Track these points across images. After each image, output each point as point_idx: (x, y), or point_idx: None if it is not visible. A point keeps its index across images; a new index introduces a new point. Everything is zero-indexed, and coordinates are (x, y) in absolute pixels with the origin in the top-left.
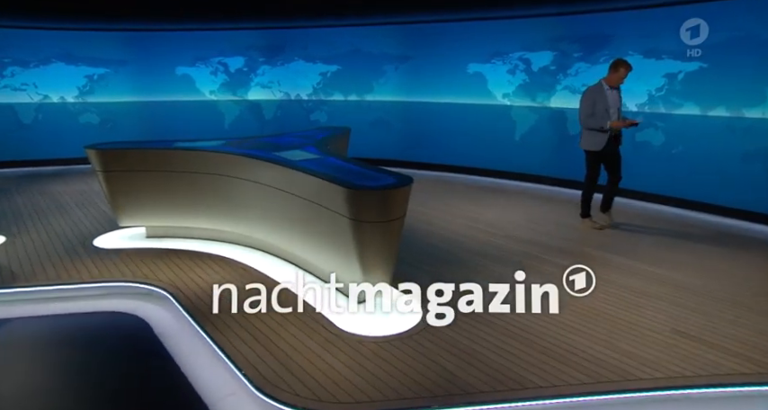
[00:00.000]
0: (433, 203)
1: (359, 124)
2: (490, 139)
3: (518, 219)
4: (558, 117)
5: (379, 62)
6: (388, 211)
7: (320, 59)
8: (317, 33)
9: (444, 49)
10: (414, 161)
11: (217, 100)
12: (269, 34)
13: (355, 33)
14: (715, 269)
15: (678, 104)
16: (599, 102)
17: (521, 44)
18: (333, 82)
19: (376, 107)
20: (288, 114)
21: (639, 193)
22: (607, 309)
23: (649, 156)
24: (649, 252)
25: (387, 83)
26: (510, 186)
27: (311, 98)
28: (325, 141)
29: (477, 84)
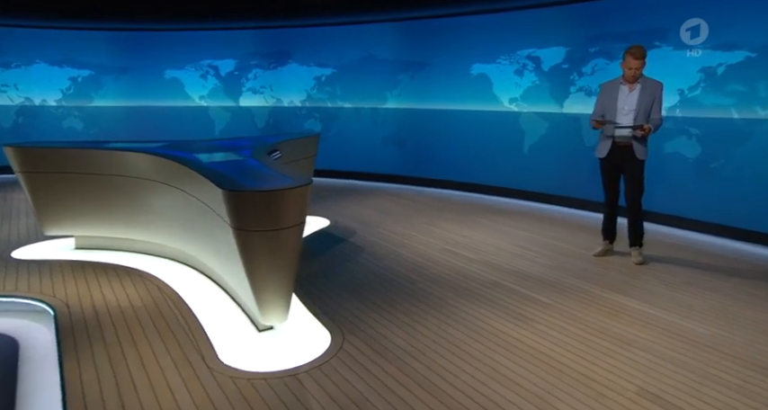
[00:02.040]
0: (416, 223)
1: (354, 133)
2: (496, 151)
3: (506, 244)
4: (572, 124)
5: (378, 65)
6: (277, 218)
7: (315, 62)
8: (312, 34)
9: (453, 51)
10: (413, 176)
11: (207, 106)
12: (261, 35)
13: (353, 33)
14: (742, 317)
15: (718, 104)
16: (607, 100)
17: (530, 39)
18: (329, 87)
19: (373, 114)
20: (280, 122)
21: (686, 221)
22: (562, 356)
23: (686, 173)
24: (658, 290)
25: (385, 88)
26: (515, 206)
27: (305, 104)
28: (275, 146)
29: (481, 87)
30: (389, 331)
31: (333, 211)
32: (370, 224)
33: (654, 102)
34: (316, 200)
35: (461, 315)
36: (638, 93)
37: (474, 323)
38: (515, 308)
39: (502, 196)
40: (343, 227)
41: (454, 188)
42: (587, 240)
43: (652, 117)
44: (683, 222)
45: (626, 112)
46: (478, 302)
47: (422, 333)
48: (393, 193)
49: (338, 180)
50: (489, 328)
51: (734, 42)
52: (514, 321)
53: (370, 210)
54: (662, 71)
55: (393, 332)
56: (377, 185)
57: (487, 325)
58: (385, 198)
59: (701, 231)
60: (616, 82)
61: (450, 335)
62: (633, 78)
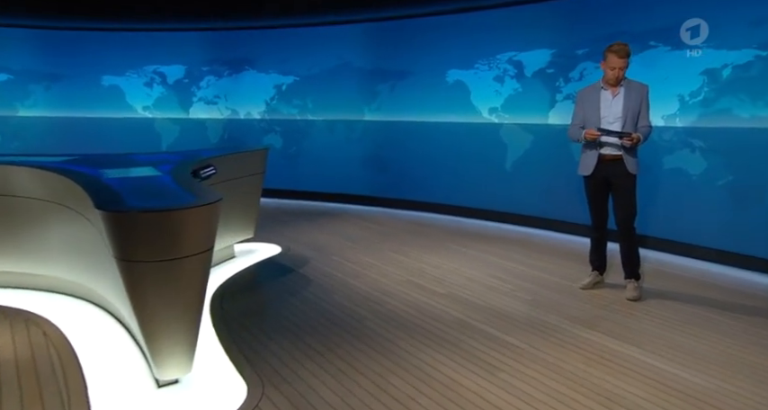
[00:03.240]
0: (380, 250)
1: (320, 149)
2: (475, 168)
3: (480, 274)
4: (558, 137)
5: (345, 71)
6: (173, 245)
7: (278, 70)
8: (274, 37)
9: (426, 55)
10: (384, 197)
11: (152, 118)
12: (215, 38)
13: (318, 35)
14: (753, 366)
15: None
16: (588, 108)
17: (510, 41)
18: (290, 96)
19: (342, 128)
20: (234, 136)
21: (689, 248)
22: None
23: (688, 191)
24: (655, 331)
25: (353, 97)
26: (494, 231)
27: (264, 117)
28: (208, 160)
29: (457, 96)
30: (321, 382)
31: (287, 237)
32: (327, 251)
33: (641, 108)
34: (270, 225)
35: (413, 361)
36: (623, 98)
37: (426, 371)
38: (480, 354)
39: (480, 219)
40: (295, 255)
41: (429, 210)
42: (574, 270)
43: (640, 125)
44: (687, 249)
45: (611, 121)
46: (436, 345)
47: (360, 384)
48: (361, 216)
49: (301, 201)
50: (443, 378)
51: (738, 43)
52: (476, 369)
53: (331, 236)
54: (657, 75)
55: (326, 383)
56: (344, 207)
57: (441, 375)
58: (351, 221)
59: (708, 259)
60: (596, 87)
61: (393, 387)
62: (616, 80)
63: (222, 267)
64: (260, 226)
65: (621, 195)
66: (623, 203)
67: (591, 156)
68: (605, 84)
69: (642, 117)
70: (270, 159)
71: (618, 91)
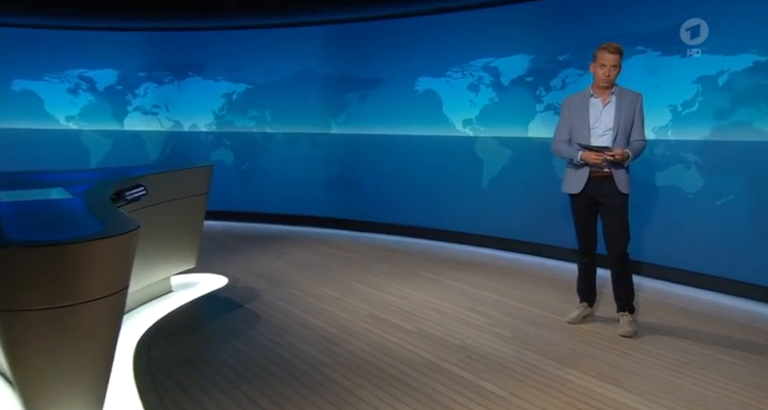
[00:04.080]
0: (342, 280)
1: (279, 165)
2: (448, 186)
3: (454, 307)
4: (539, 151)
5: (308, 78)
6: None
7: (229, 77)
8: (226, 38)
9: (393, 60)
10: (349, 218)
11: (78, 130)
12: (154, 39)
13: (277, 38)
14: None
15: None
16: (575, 118)
17: (486, 46)
18: (245, 107)
19: (303, 141)
20: (178, 151)
21: (690, 276)
22: None
23: (686, 212)
24: (653, 373)
25: (318, 107)
26: (470, 256)
27: (213, 129)
28: (138, 180)
29: (428, 106)
30: None
31: (236, 266)
32: (282, 283)
33: (634, 119)
34: (216, 252)
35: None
36: (615, 107)
37: None
38: (453, 404)
39: (454, 242)
40: (243, 287)
41: (397, 233)
42: (560, 301)
43: (633, 138)
44: (686, 277)
45: (601, 133)
46: (402, 395)
47: None
48: (323, 241)
49: (255, 224)
50: None
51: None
52: None
53: (287, 264)
54: (649, 82)
55: None
56: (304, 231)
57: None
58: (311, 247)
59: (712, 289)
60: (584, 94)
61: None
62: (608, 81)
63: (154, 305)
64: (204, 254)
65: (612, 217)
66: (614, 226)
67: (579, 173)
68: (595, 91)
69: (635, 129)
70: (219, 177)
71: (608, 99)
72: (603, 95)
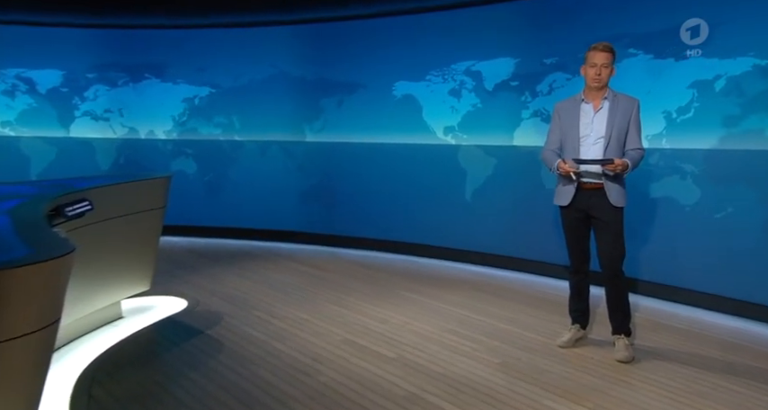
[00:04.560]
0: (316, 301)
1: (248, 176)
2: (430, 199)
3: (438, 330)
4: (527, 160)
5: (281, 82)
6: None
7: (189, 78)
8: (182, 37)
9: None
10: (324, 233)
11: (17, 136)
12: (106, 36)
13: (246, 38)
14: None
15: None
16: (566, 125)
17: (468, 48)
18: (210, 112)
19: (275, 150)
20: (134, 160)
21: (690, 295)
22: None
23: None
24: (653, 404)
25: (292, 113)
26: (455, 273)
27: (172, 137)
28: (83, 193)
29: (407, 112)
30: None
31: (197, 287)
32: (248, 305)
33: (630, 126)
34: (176, 272)
35: None
36: (608, 114)
37: None
38: None
39: (437, 258)
40: (205, 311)
41: (376, 248)
42: (551, 322)
43: (629, 148)
44: (687, 296)
45: (593, 141)
46: None
47: None
48: (295, 258)
49: (221, 240)
50: None
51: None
52: None
53: (255, 284)
54: (643, 86)
55: None
56: (275, 247)
57: None
58: (282, 264)
59: (713, 309)
60: (575, 100)
61: None
62: (598, 82)
63: (100, 333)
64: (161, 274)
65: (605, 232)
66: (607, 241)
67: (567, 186)
68: (587, 96)
69: (631, 138)
70: (181, 189)
71: (601, 105)
72: (595, 100)
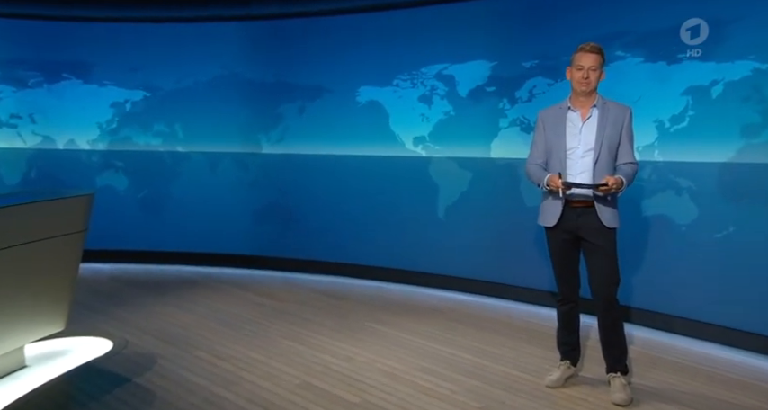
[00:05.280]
0: (270, 337)
1: (194, 193)
2: (400, 217)
3: (409, 369)
4: (506, 174)
5: (232, 85)
6: None
7: (118, 79)
8: (111, 31)
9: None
10: (280, 257)
11: None
12: (15, 28)
13: (190, 34)
14: None
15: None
16: (551, 135)
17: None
18: (147, 119)
19: (227, 163)
20: (49, 174)
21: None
22: None
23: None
24: None
25: (246, 121)
26: (429, 300)
27: (97, 147)
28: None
29: (373, 120)
30: None
31: (126, 324)
32: (187, 344)
33: (621, 137)
34: (97, 306)
35: None
36: (597, 123)
37: None
38: None
39: (409, 284)
40: (134, 354)
41: (340, 273)
42: (538, 357)
43: (622, 161)
44: (686, 326)
45: (581, 154)
46: None
47: None
48: (246, 285)
49: (158, 267)
50: None
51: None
52: None
53: (198, 318)
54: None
55: None
56: (224, 273)
57: None
58: (230, 294)
59: (717, 341)
60: (561, 108)
61: None
62: (586, 87)
63: None
64: (80, 309)
65: (597, 256)
66: (599, 266)
67: (553, 202)
68: (573, 104)
69: (623, 150)
70: (109, 208)
71: (589, 113)
72: (583, 108)
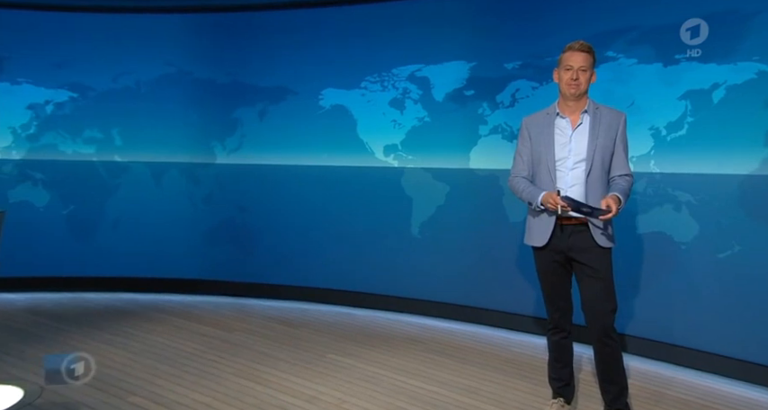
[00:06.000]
0: (218, 374)
1: (132, 209)
2: (369, 235)
3: (379, 408)
4: (487, 186)
5: (179, 85)
6: None
7: (34, 76)
8: (29, 20)
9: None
10: (230, 281)
11: None
12: None
13: (129, 26)
14: None
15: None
16: (537, 143)
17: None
18: (77, 123)
19: (174, 174)
20: None
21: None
22: None
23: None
24: None
25: (197, 127)
26: (403, 329)
27: (9, 155)
28: None
29: (338, 127)
30: None
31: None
32: (120, 387)
33: (616, 146)
34: (7, 345)
35: None
36: (589, 130)
37: None
38: None
39: (379, 310)
40: (51, 403)
41: (302, 298)
42: (527, 393)
43: (617, 173)
44: (687, 356)
45: (572, 165)
46: None
47: None
48: (192, 315)
49: (86, 295)
50: None
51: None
52: None
53: (132, 355)
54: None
55: None
56: (165, 301)
57: None
58: (173, 325)
59: (722, 373)
60: (548, 114)
61: None
62: (576, 89)
63: None
64: None
65: (592, 279)
66: (594, 291)
67: (543, 220)
68: (562, 109)
69: (618, 160)
70: (25, 228)
71: (580, 120)
72: (574, 114)
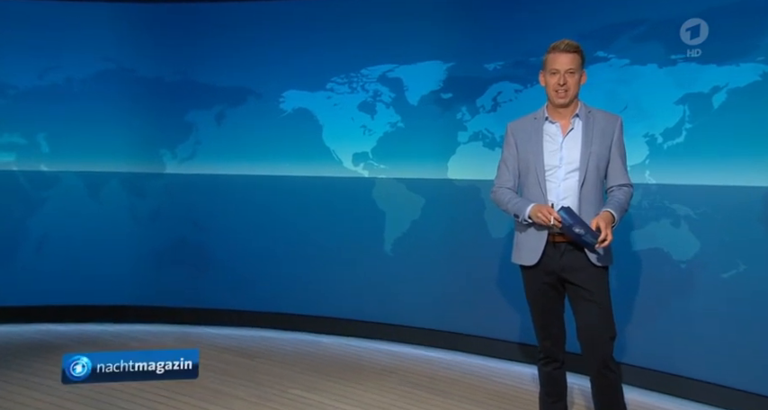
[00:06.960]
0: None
1: (64, 226)
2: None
3: None
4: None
5: (121, 84)
6: None
7: None
8: None
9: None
10: (181, 306)
11: None
12: None
13: (62, 15)
14: None
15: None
16: (523, 150)
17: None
18: (19, 124)
19: (115, 186)
20: None
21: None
22: None
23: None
24: None
25: (142, 132)
26: (373, 357)
27: None
28: None
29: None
30: None
31: None
32: None
33: (612, 153)
34: None
35: None
36: (582, 136)
37: None
38: None
39: (349, 336)
40: None
41: (261, 325)
42: None
43: (614, 183)
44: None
45: (563, 175)
46: None
47: None
48: (128, 346)
49: (8, 327)
50: None
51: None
52: None
53: (51, 398)
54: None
55: None
56: (98, 332)
57: None
58: None
59: (726, 406)
60: (536, 119)
61: None
62: (565, 95)
63: None
64: None
65: (587, 302)
66: (591, 316)
67: (533, 236)
68: (551, 114)
69: (615, 169)
70: None
71: (571, 124)
72: (564, 119)
